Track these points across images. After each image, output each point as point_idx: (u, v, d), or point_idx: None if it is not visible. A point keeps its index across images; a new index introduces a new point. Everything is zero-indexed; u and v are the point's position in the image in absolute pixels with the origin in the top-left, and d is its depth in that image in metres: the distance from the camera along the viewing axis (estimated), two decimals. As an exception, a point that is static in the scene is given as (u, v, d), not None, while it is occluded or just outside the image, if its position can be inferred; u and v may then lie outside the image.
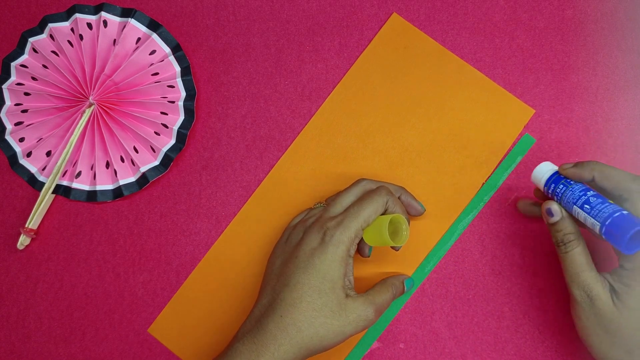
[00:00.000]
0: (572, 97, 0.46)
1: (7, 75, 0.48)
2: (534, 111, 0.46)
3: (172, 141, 0.47)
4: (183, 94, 0.47)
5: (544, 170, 0.39)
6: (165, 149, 0.46)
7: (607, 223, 0.34)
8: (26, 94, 0.47)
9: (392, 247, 0.42)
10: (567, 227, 0.37)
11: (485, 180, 0.45)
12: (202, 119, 0.48)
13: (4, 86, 0.47)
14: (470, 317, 0.44)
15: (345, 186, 0.43)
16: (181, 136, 0.47)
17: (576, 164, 0.37)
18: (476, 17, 0.47)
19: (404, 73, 0.47)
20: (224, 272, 0.45)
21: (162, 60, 0.47)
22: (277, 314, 0.37)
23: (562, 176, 0.38)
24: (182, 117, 0.47)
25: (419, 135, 0.46)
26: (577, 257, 0.36)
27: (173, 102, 0.47)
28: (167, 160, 0.46)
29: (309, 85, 0.48)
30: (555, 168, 0.39)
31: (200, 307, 0.45)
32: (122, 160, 0.47)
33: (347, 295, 0.38)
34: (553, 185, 0.38)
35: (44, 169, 0.47)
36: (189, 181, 0.47)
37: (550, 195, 0.39)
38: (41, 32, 0.48)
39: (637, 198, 0.34)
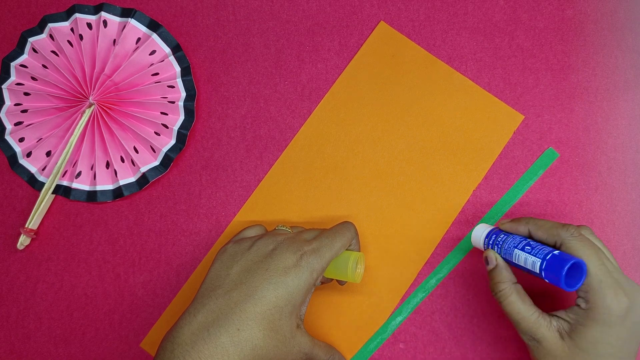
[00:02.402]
0: (572, 97, 0.46)
1: (7, 75, 0.48)
2: (523, 117, 0.46)
3: (172, 141, 0.47)
4: (183, 94, 0.47)
5: (483, 227, 0.41)
6: (165, 149, 0.46)
7: (547, 258, 0.35)
8: (26, 94, 0.47)
9: (339, 282, 0.42)
10: (498, 275, 0.38)
11: (479, 186, 0.45)
12: (202, 119, 0.48)
13: (4, 86, 0.47)
14: (470, 317, 0.44)
15: (335, 196, 0.45)
16: (181, 136, 0.47)
17: (512, 220, 0.40)
18: (476, 17, 0.47)
19: (392, 81, 0.47)
20: None
21: (162, 61, 0.47)
22: (233, 326, 0.33)
23: (501, 230, 0.40)
24: (182, 118, 0.47)
25: (408, 143, 0.46)
26: (513, 306, 0.37)
27: (173, 102, 0.47)
28: (167, 161, 0.46)
29: (308, 85, 0.48)
30: (492, 227, 0.41)
31: None
32: (122, 160, 0.47)
33: (297, 326, 0.36)
34: (494, 236, 0.40)
35: (43, 169, 0.47)
36: (189, 181, 0.47)
37: (489, 247, 0.40)
38: (41, 32, 0.48)
39: (568, 241, 0.36)
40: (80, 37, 0.47)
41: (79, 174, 0.47)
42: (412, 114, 0.46)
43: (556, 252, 0.35)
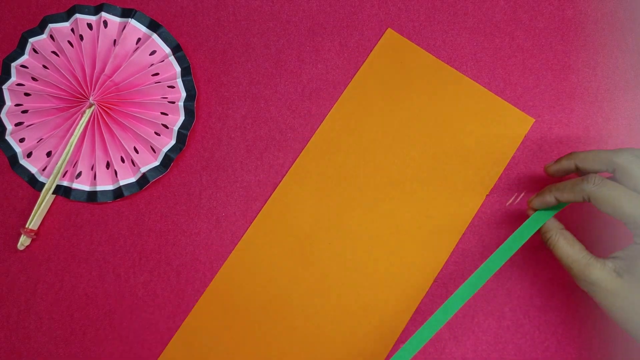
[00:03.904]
0: (572, 97, 0.46)
1: (8, 76, 0.48)
2: (534, 120, 0.46)
3: (173, 142, 0.47)
4: (183, 94, 0.47)
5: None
6: (165, 149, 0.46)
7: None
8: (26, 94, 0.47)
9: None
10: (543, 225, 0.39)
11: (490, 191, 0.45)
12: (203, 119, 0.48)
13: (4, 87, 0.47)
14: (470, 317, 0.44)
15: (348, 205, 0.45)
16: (181, 137, 0.47)
17: (556, 160, 0.40)
18: (476, 17, 0.47)
19: (402, 88, 0.47)
20: (232, 299, 0.45)
21: (163, 61, 0.47)
22: None
23: None
24: (182, 118, 0.47)
25: (419, 150, 0.46)
26: (562, 250, 0.37)
27: (173, 102, 0.47)
28: (167, 161, 0.47)
29: (309, 86, 0.48)
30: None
31: (207, 337, 0.45)
32: (123, 160, 0.47)
33: None
34: None
35: (44, 170, 0.47)
36: (189, 181, 0.47)
37: None
38: (41, 32, 0.48)
39: (630, 168, 0.35)
40: (81, 37, 0.47)
41: (79, 174, 0.47)
42: (423, 120, 0.46)
43: None
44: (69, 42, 0.47)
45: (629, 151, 0.36)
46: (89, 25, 0.47)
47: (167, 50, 0.47)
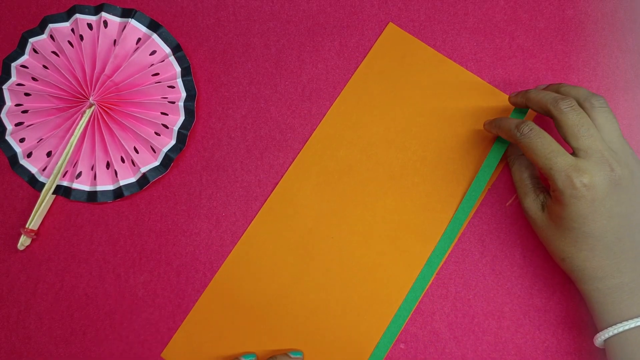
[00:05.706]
0: (572, 97, 0.46)
1: (8, 76, 0.48)
2: (535, 114, 0.46)
3: (173, 142, 0.47)
4: (183, 94, 0.47)
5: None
6: (165, 149, 0.47)
7: None
8: (26, 94, 0.47)
9: None
10: (507, 150, 0.44)
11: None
12: (203, 119, 0.48)
13: (5, 87, 0.47)
14: (470, 317, 0.44)
15: (351, 199, 0.45)
16: (181, 137, 0.47)
17: (516, 94, 0.43)
18: (476, 17, 0.47)
19: (404, 82, 0.47)
20: (232, 298, 0.45)
21: (163, 61, 0.47)
22: None
23: None
24: (182, 118, 0.47)
25: (421, 144, 0.46)
26: (514, 175, 0.42)
27: (173, 102, 0.47)
28: (167, 161, 0.47)
29: (309, 86, 0.48)
30: None
31: (211, 330, 0.45)
32: (123, 160, 0.47)
33: None
34: None
35: (44, 170, 0.47)
36: (189, 182, 0.47)
37: None
38: (41, 32, 0.48)
39: (561, 119, 0.37)
40: (81, 37, 0.47)
41: (80, 174, 0.47)
42: (425, 114, 0.46)
43: None
44: (69, 42, 0.47)
45: (568, 101, 0.37)
46: (89, 25, 0.47)
47: (167, 50, 0.47)
